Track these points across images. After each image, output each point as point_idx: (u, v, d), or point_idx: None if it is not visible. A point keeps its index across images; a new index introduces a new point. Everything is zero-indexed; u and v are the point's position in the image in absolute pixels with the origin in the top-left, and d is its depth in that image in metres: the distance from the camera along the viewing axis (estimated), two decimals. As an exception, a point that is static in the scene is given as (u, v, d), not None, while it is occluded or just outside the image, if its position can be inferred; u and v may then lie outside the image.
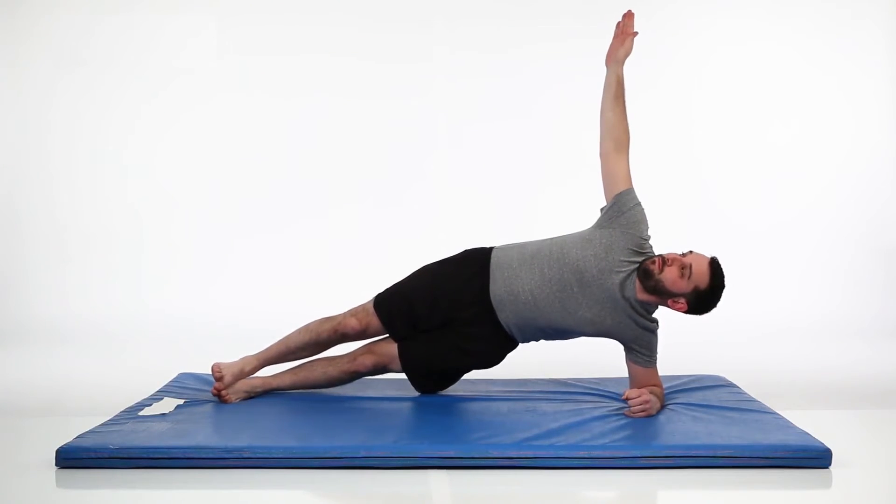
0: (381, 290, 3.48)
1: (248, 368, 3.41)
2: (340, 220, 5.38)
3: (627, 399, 3.18)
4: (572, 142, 5.39)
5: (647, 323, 3.26)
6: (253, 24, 5.42)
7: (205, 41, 5.41)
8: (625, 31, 3.38)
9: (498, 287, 3.29)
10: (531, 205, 5.39)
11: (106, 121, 5.37)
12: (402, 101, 5.41)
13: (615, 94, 3.35)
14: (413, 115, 5.42)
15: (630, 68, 3.36)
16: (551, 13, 5.42)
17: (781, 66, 5.45)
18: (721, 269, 3.18)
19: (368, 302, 3.44)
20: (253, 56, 5.41)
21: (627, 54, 3.37)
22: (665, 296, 3.17)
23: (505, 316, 3.30)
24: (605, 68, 3.42)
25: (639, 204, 3.30)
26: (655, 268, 3.15)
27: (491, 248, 3.42)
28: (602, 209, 3.34)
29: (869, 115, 5.45)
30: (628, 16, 3.41)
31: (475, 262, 3.37)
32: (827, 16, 5.43)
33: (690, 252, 3.20)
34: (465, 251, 3.49)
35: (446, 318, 3.35)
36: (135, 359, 4.49)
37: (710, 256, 3.20)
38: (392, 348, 3.40)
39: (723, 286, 3.18)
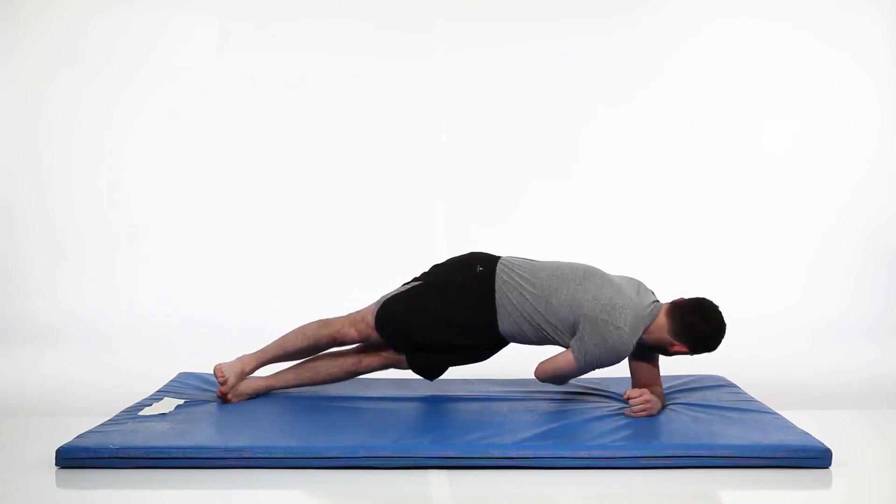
0: (380, 296, 3.41)
1: (247, 368, 3.40)
2: (339, 217, 5.38)
3: (629, 399, 3.18)
4: (570, 138, 5.40)
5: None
6: (252, 22, 5.41)
7: (204, 39, 5.41)
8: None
9: (505, 327, 3.30)
10: (529, 200, 5.39)
11: (105, 120, 5.37)
12: (401, 98, 5.41)
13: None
14: (412, 111, 5.42)
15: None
16: (550, 10, 5.42)
17: (781, 65, 5.45)
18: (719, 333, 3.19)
19: (367, 311, 3.38)
20: (252, 54, 5.41)
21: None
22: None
23: (511, 341, 3.36)
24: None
25: (585, 360, 3.18)
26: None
27: (493, 270, 3.31)
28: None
29: (869, 115, 5.45)
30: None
31: (479, 293, 3.30)
32: (827, 13, 5.43)
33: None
34: (466, 267, 3.38)
35: (452, 343, 3.34)
36: (135, 359, 4.49)
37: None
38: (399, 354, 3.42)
39: (722, 332, 3.21)
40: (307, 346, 3.41)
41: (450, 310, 3.30)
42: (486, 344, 3.35)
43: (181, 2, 5.39)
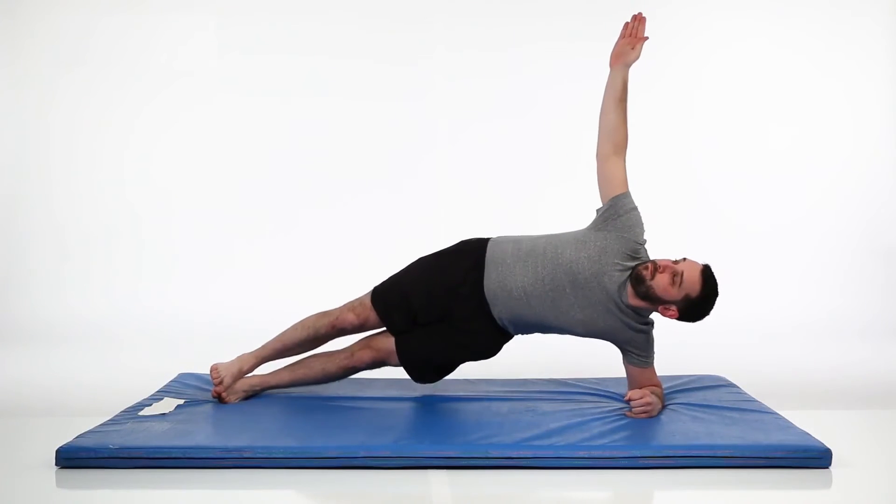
0: (378, 283, 3.47)
1: (245, 367, 3.40)
2: (339, 219, 5.38)
3: (630, 400, 3.18)
4: (571, 141, 5.39)
5: (641, 326, 3.25)
6: (252, 25, 5.42)
7: (205, 41, 5.41)
8: (635, 35, 3.34)
9: (491, 282, 3.28)
10: (530, 204, 5.38)
11: (106, 121, 5.37)
12: (401, 101, 5.41)
13: (619, 97, 3.32)
14: (412, 114, 5.42)
15: (630, 69, 3.35)
16: (551, 13, 5.42)
17: (781, 66, 5.45)
18: (713, 277, 3.16)
19: (365, 296, 3.42)
20: (253, 56, 5.41)
21: (636, 59, 3.35)
22: (656, 302, 3.17)
23: (497, 310, 3.29)
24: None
25: (636, 209, 3.28)
26: (647, 273, 3.14)
27: (487, 240, 3.40)
28: (598, 210, 3.33)
29: (869, 116, 5.45)
30: (640, 19, 3.35)
31: (470, 255, 3.36)
32: (827, 15, 5.43)
33: (684, 259, 3.18)
34: (462, 242, 3.47)
35: (443, 311, 3.34)
36: (135, 359, 4.49)
37: (702, 264, 3.18)
38: (390, 343, 3.39)
39: (715, 295, 3.17)
40: (306, 338, 3.42)
41: (440, 271, 3.35)
42: (473, 315, 3.30)
43: (181, 3, 5.39)
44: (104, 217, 5.36)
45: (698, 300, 3.15)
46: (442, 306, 3.33)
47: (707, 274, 3.15)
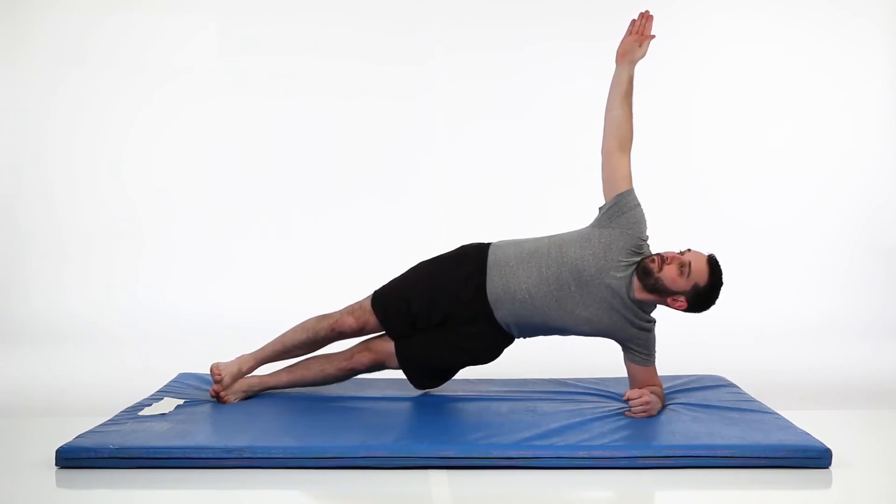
0: (378, 286, 3.47)
1: (245, 368, 3.40)
2: (340, 219, 5.38)
3: (628, 400, 3.18)
4: (572, 143, 5.40)
5: (644, 323, 3.26)
6: (252, 25, 5.42)
7: (204, 41, 5.41)
8: (642, 33, 3.36)
9: (495, 285, 3.28)
10: (530, 205, 5.39)
11: (105, 120, 5.38)
12: (401, 102, 5.41)
13: (625, 92, 3.33)
14: (412, 115, 5.42)
15: (635, 65, 3.38)
16: (551, 14, 5.42)
17: (781, 66, 5.45)
18: (719, 266, 3.20)
19: (365, 299, 3.43)
20: (252, 56, 5.41)
21: (643, 56, 3.37)
22: (664, 294, 3.18)
23: (502, 314, 3.29)
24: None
25: (639, 205, 3.30)
26: (655, 266, 3.15)
27: (488, 245, 3.40)
28: (601, 208, 3.34)
29: (869, 115, 5.45)
30: (647, 17, 3.37)
31: (472, 260, 3.36)
32: (827, 15, 5.44)
33: (689, 250, 3.21)
34: (462, 247, 3.47)
35: (444, 315, 3.34)
36: (135, 359, 4.49)
37: (707, 254, 3.22)
38: (389, 345, 3.40)
39: (721, 283, 3.20)
40: (306, 340, 3.42)
41: (441, 275, 3.36)
42: (475, 319, 3.31)
43: (181, 3, 5.39)
44: (104, 217, 5.36)
45: (706, 289, 3.18)
46: (442, 310, 3.34)
47: (713, 262, 3.19)
